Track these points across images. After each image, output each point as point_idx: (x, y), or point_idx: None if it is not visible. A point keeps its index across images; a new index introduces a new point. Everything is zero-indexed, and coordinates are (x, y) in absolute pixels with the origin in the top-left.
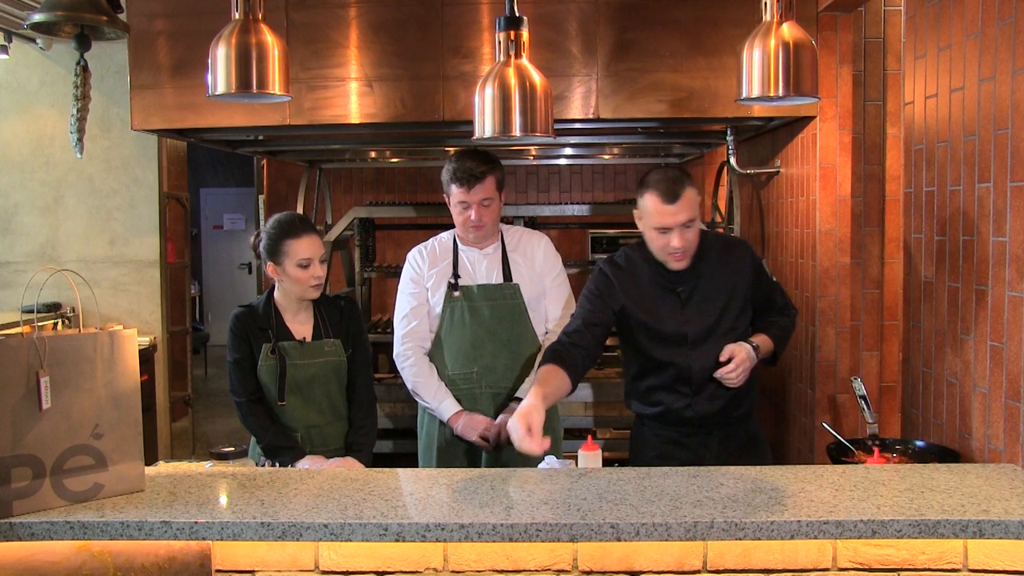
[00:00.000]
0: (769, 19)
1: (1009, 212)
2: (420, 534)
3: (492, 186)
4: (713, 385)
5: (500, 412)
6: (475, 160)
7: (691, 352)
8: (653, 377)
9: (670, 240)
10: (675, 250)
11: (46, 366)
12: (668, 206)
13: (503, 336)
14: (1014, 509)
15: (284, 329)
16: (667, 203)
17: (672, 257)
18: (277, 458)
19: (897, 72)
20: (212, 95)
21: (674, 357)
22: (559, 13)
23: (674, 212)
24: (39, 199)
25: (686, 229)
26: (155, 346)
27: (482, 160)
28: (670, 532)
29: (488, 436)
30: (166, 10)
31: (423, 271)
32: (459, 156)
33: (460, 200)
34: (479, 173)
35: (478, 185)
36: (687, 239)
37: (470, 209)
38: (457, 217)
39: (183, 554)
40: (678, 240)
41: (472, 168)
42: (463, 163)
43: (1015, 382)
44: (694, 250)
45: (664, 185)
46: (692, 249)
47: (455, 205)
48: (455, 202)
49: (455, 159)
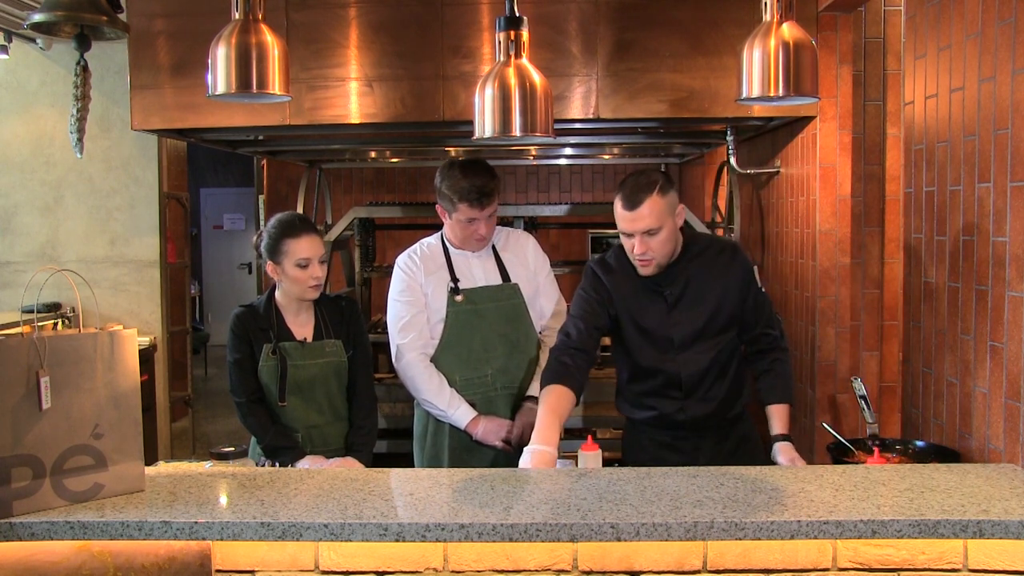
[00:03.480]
0: (769, 19)
1: (1009, 212)
2: (420, 534)
3: (497, 198)
4: (703, 388)
5: (515, 412)
6: (482, 176)
7: (678, 357)
8: (643, 382)
9: (633, 245)
10: (637, 256)
11: (46, 366)
12: (626, 212)
13: (512, 336)
14: (1014, 509)
15: (285, 329)
16: (626, 209)
17: (639, 263)
18: (277, 458)
19: (897, 72)
20: (212, 95)
21: (662, 363)
22: (559, 13)
23: (632, 219)
24: (39, 199)
25: (648, 237)
26: (155, 346)
27: (488, 175)
28: (670, 532)
29: (510, 439)
30: (166, 10)
31: (419, 278)
32: (463, 172)
33: (470, 217)
34: (489, 191)
35: (489, 203)
36: (649, 247)
37: (477, 224)
38: (461, 231)
39: (183, 554)
40: (638, 246)
41: (482, 186)
42: (471, 181)
43: (1015, 382)
44: (664, 258)
45: (627, 191)
46: (660, 257)
47: (462, 221)
48: (463, 218)
49: (458, 175)
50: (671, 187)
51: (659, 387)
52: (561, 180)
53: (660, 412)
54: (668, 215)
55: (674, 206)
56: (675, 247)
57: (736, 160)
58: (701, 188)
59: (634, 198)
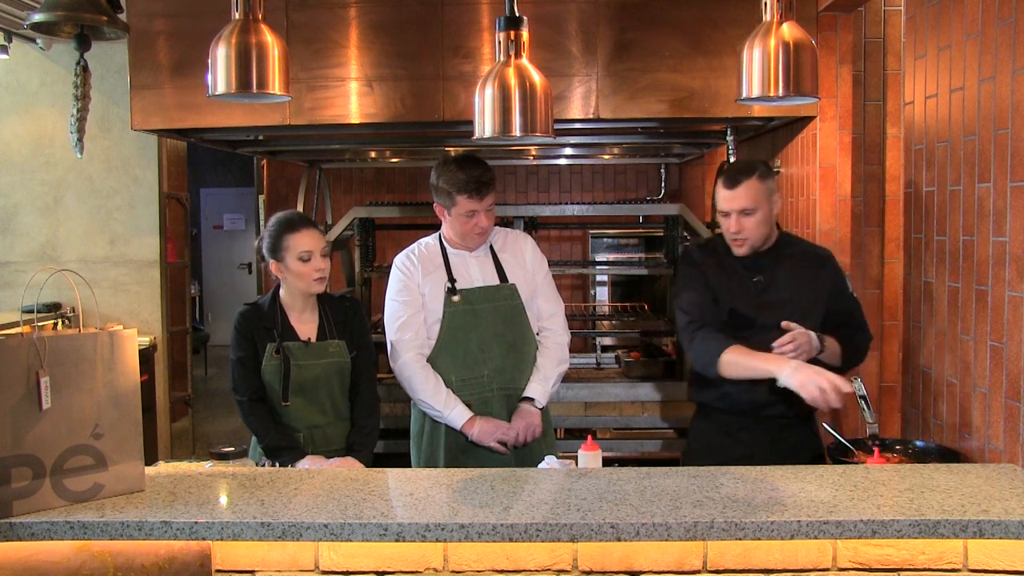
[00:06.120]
0: (769, 19)
1: (1009, 212)
2: (420, 534)
3: (494, 190)
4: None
5: (511, 413)
6: (478, 167)
7: (754, 336)
8: None
9: (729, 224)
10: (732, 234)
11: (46, 366)
12: (726, 191)
13: (508, 337)
14: (1014, 509)
15: (289, 329)
16: (726, 188)
17: (733, 242)
18: (277, 458)
19: (897, 72)
20: (212, 95)
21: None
22: (559, 13)
23: (730, 198)
24: (39, 199)
25: (744, 216)
26: (155, 346)
27: (484, 167)
28: (670, 532)
29: (506, 440)
30: (166, 10)
31: (416, 278)
32: (458, 165)
33: (470, 209)
34: (487, 180)
35: (488, 193)
36: (744, 226)
37: (477, 216)
38: (461, 226)
39: (183, 554)
40: (734, 224)
41: (480, 176)
42: (468, 172)
43: (1015, 382)
44: (758, 241)
45: (729, 172)
46: (755, 239)
47: (461, 215)
48: (462, 211)
49: (454, 169)
50: (770, 175)
51: None
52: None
53: (726, 392)
54: (765, 199)
55: (772, 192)
56: (769, 233)
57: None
58: (701, 188)
59: (735, 178)
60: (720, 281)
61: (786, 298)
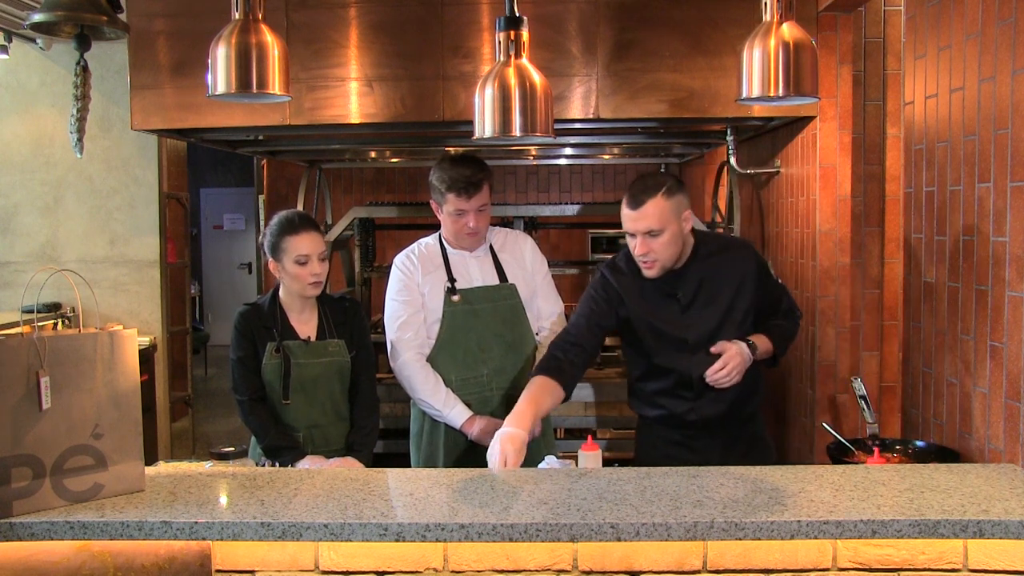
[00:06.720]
0: (769, 19)
1: (1009, 212)
2: (420, 534)
3: (488, 192)
4: (716, 388)
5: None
6: (470, 167)
7: (692, 357)
8: (655, 381)
9: (636, 246)
10: (640, 256)
11: (46, 366)
12: (629, 211)
13: (508, 337)
14: (1014, 509)
15: (289, 328)
16: (629, 208)
17: (642, 264)
18: (277, 458)
19: (897, 72)
20: (212, 95)
21: (675, 363)
22: (559, 13)
23: (634, 218)
24: (39, 199)
25: (651, 238)
26: (155, 346)
27: (477, 167)
28: (670, 532)
29: None
30: (166, 10)
31: (416, 277)
32: (451, 163)
33: (458, 209)
34: (477, 181)
35: (476, 193)
36: (651, 248)
37: (466, 217)
38: (451, 225)
39: (183, 554)
40: (640, 247)
41: (470, 176)
42: (459, 171)
43: (1015, 382)
44: (668, 262)
45: (632, 191)
46: (664, 260)
47: (451, 214)
48: (451, 210)
49: (447, 166)
50: (679, 191)
51: (671, 387)
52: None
53: (671, 411)
54: (673, 218)
55: (680, 209)
56: (680, 251)
57: (736, 160)
58: (701, 188)
59: (638, 198)
60: (640, 302)
61: (714, 304)
